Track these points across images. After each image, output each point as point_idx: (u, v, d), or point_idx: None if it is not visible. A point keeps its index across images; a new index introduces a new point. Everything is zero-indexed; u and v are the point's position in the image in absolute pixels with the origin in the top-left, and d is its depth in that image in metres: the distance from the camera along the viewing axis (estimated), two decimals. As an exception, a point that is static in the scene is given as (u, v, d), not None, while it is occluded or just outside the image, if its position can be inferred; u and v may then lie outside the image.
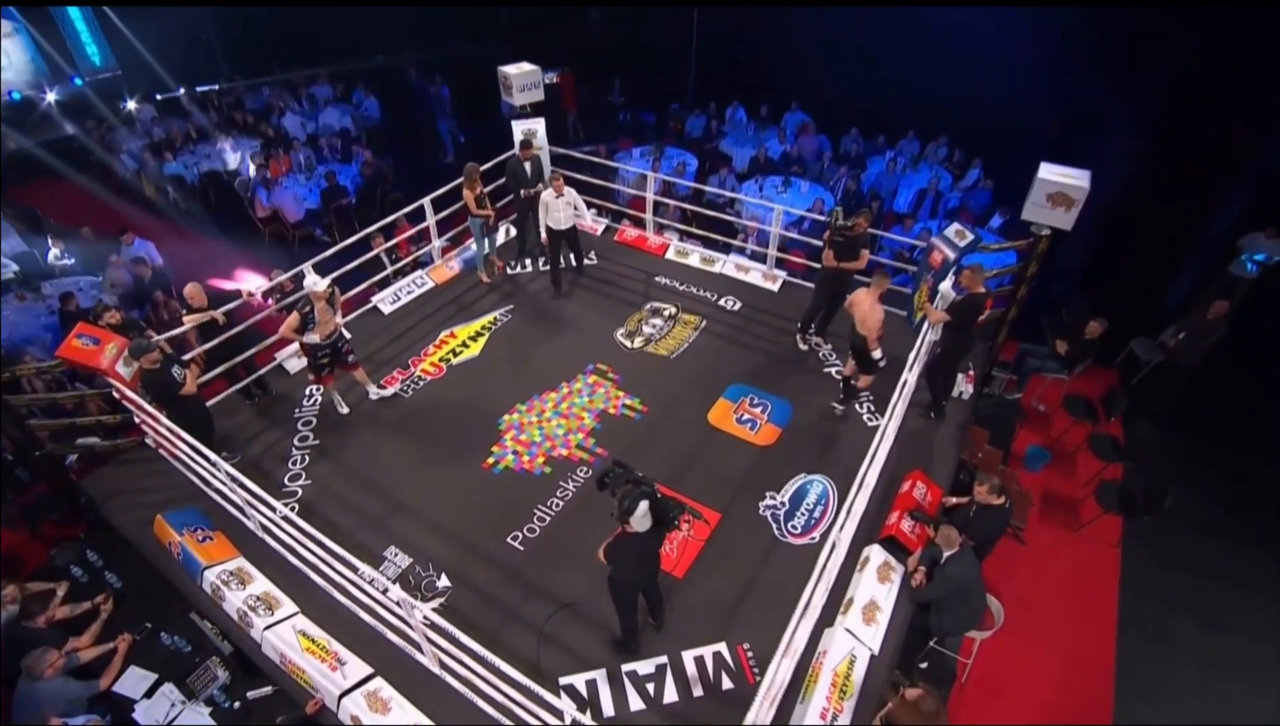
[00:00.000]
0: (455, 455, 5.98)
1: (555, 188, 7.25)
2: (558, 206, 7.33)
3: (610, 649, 4.64)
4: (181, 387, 5.29)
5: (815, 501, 5.61)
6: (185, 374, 5.41)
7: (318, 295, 5.67)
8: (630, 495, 3.72)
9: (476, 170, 7.66)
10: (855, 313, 5.84)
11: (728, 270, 8.27)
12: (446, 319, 7.56)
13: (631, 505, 3.68)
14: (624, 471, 3.97)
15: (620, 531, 3.97)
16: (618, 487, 3.89)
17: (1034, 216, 6.38)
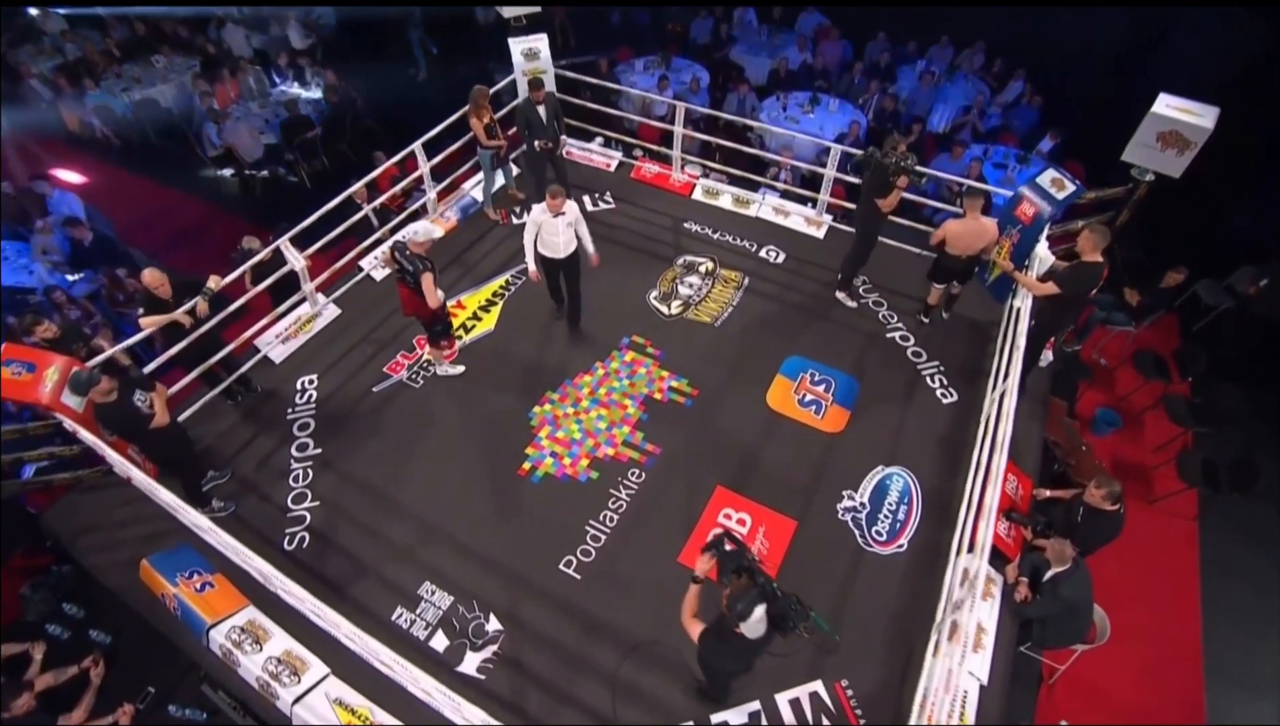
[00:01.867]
0: (484, 461, 5.19)
1: (551, 205, 5.25)
2: (555, 228, 5.39)
3: (695, 697, 4.12)
4: (150, 419, 4.32)
5: (897, 500, 5.03)
6: (152, 398, 4.41)
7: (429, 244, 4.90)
8: (746, 598, 2.99)
9: (486, 94, 6.49)
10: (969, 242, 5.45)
11: (765, 213, 7.29)
12: (451, 285, 6.51)
13: (746, 610, 2.96)
14: (736, 552, 3.24)
15: (723, 616, 3.26)
16: (727, 575, 3.19)
17: (1137, 158, 5.55)
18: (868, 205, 5.76)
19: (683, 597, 3.39)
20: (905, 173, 5.44)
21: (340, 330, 6.11)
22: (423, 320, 5.32)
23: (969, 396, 5.68)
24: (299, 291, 5.93)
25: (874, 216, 5.76)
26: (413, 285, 4.91)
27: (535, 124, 6.51)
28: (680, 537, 4.76)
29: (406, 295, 5.07)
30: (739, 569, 3.15)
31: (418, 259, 4.86)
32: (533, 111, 6.46)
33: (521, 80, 7.11)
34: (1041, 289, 4.94)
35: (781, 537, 4.78)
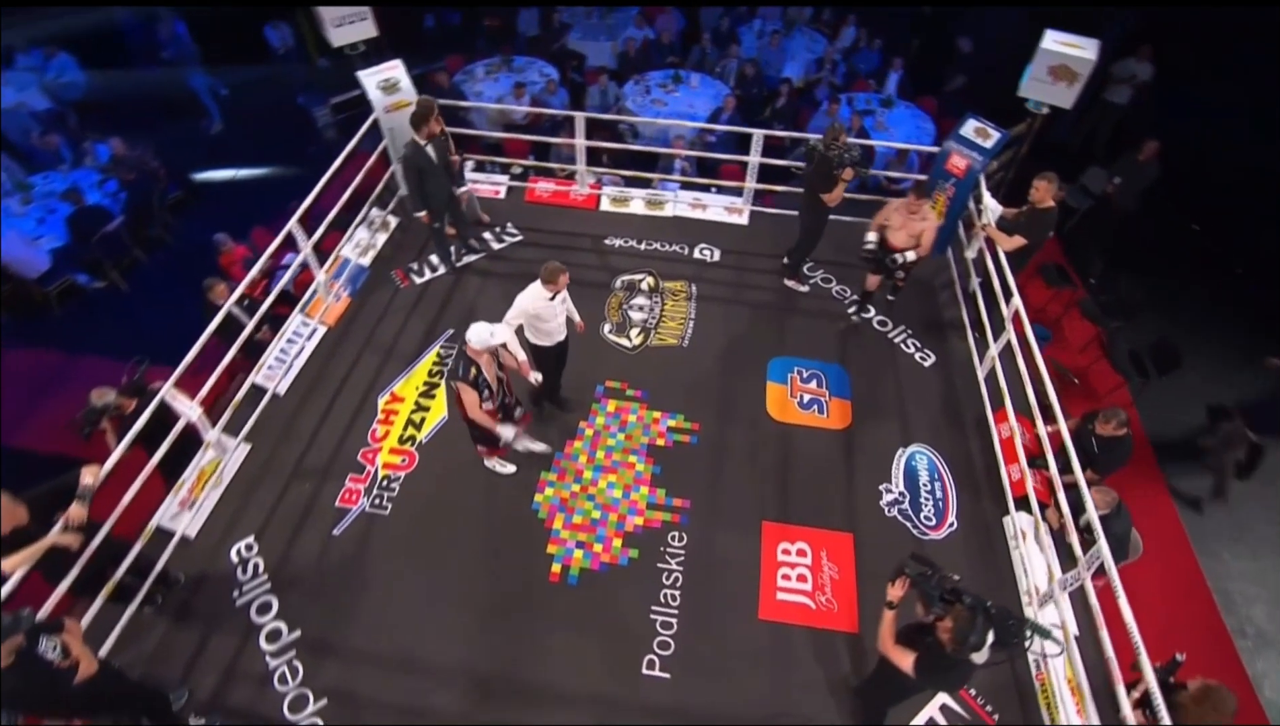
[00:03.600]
0: (504, 577, 4.41)
1: (554, 286, 4.43)
2: (554, 312, 4.58)
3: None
4: (72, 674, 3.12)
5: (930, 479, 5.01)
6: (63, 642, 3.18)
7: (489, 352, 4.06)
8: (976, 629, 2.71)
9: (434, 105, 5.53)
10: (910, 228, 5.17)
11: (681, 211, 6.90)
12: (374, 376, 5.49)
13: (980, 641, 2.71)
14: (931, 576, 2.96)
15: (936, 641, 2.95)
16: (937, 604, 2.89)
17: (1033, 93, 5.84)
18: (811, 196, 5.57)
19: (788, 654, 3.51)
20: (850, 166, 5.28)
21: (259, 471, 4.90)
22: (468, 425, 4.43)
23: (944, 353, 5.80)
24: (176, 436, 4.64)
25: (818, 208, 5.59)
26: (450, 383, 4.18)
27: (433, 171, 5.52)
28: (751, 593, 4.38)
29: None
30: (947, 596, 2.88)
31: (462, 361, 4.06)
32: (423, 158, 5.47)
33: (390, 119, 6.06)
34: (1013, 243, 5.06)
35: (845, 556, 4.57)
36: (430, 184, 5.62)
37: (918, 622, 3.11)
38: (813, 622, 4.28)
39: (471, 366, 4.02)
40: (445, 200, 5.84)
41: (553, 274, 4.37)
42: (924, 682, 3.09)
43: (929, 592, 2.94)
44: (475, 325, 3.96)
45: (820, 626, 4.26)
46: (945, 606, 2.87)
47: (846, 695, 3.96)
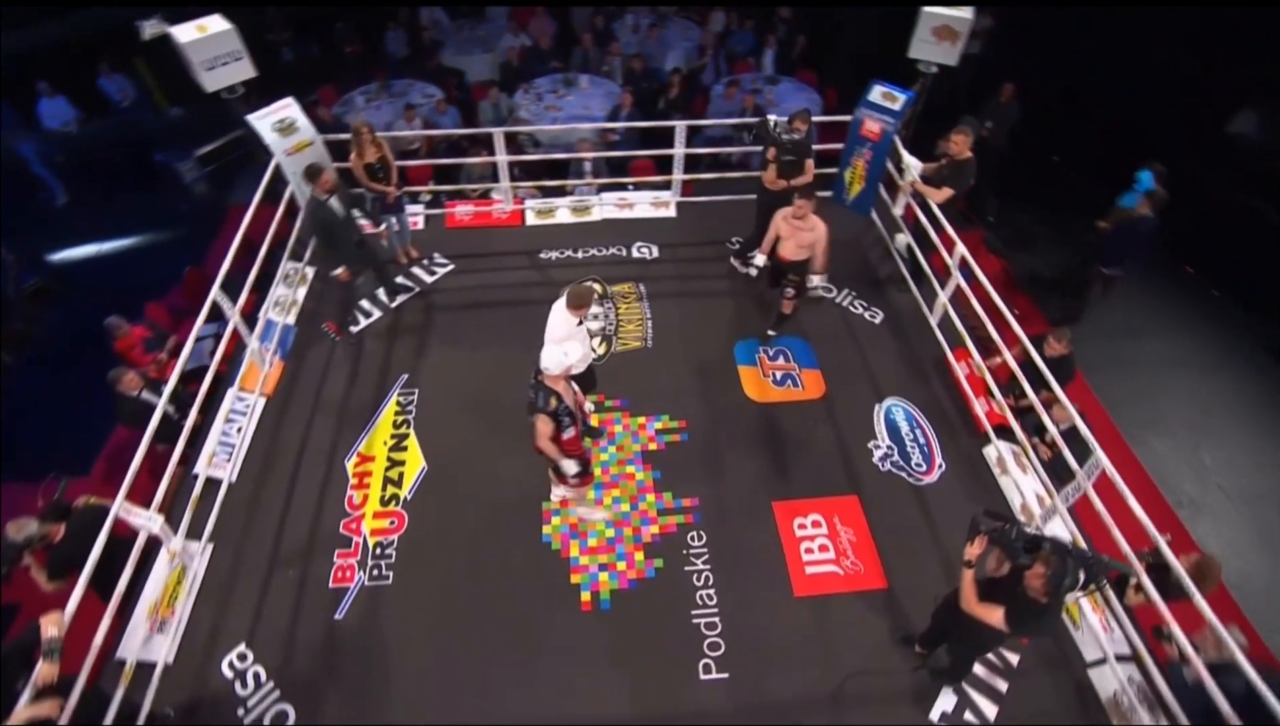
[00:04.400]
0: (537, 621, 4.17)
1: (583, 309, 4.29)
2: (584, 337, 4.50)
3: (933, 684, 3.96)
4: None
5: (910, 428, 5.26)
6: None
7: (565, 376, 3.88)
8: (1069, 573, 2.83)
9: (368, 128, 5.36)
10: (799, 239, 5.14)
11: (608, 212, 6.83)
12: (333, 440, 5.04)
13: (1074, 582, 2.84)
14: (1008, 529, 3.08)
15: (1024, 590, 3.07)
16: (1021, 557, 3.00)
17: (921, 53, 6.23)
18: (761, 179, 5.65)
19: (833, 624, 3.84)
20: (774, 145, 5.40)
21: (230, 571, 4.36)
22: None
23: (890, 308, 6.10)
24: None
25: (761, 190, 5.69)
26: (531, 414, 3.92)
27: (338, 225, 5.09)
28: (781, 574, 4.42)
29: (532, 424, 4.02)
30: (1030, 545, 3.00)
31: (541, 391, 3.84)
32: (329, 213, 5.03)
33: (295, 162, 5.57)
34: (943, 195, 5.38)
35: (856, 518, 4.71)
36: (340, 238, 5.22)
37: (991, 577, 3.23)
38: (846, 588, 4.38)
39: (551, 396, 3.81)
40: (359, 252, 5.45)
41: (584, 298, 4.23)
42: (1017, 632, 3.19)
43: (1011, 546, 3.05)
44: (545, 351, 3.75)
45: (853, 590, 4.37)
46: (1030, 556, 2.99)
47: (902, 649, 4.10)
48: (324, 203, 5.04)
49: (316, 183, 4.96)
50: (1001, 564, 3.19)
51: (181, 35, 5.33)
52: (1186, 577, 3.57)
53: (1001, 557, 3.17)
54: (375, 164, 5.59)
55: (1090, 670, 4.06)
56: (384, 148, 5.67)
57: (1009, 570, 3.13)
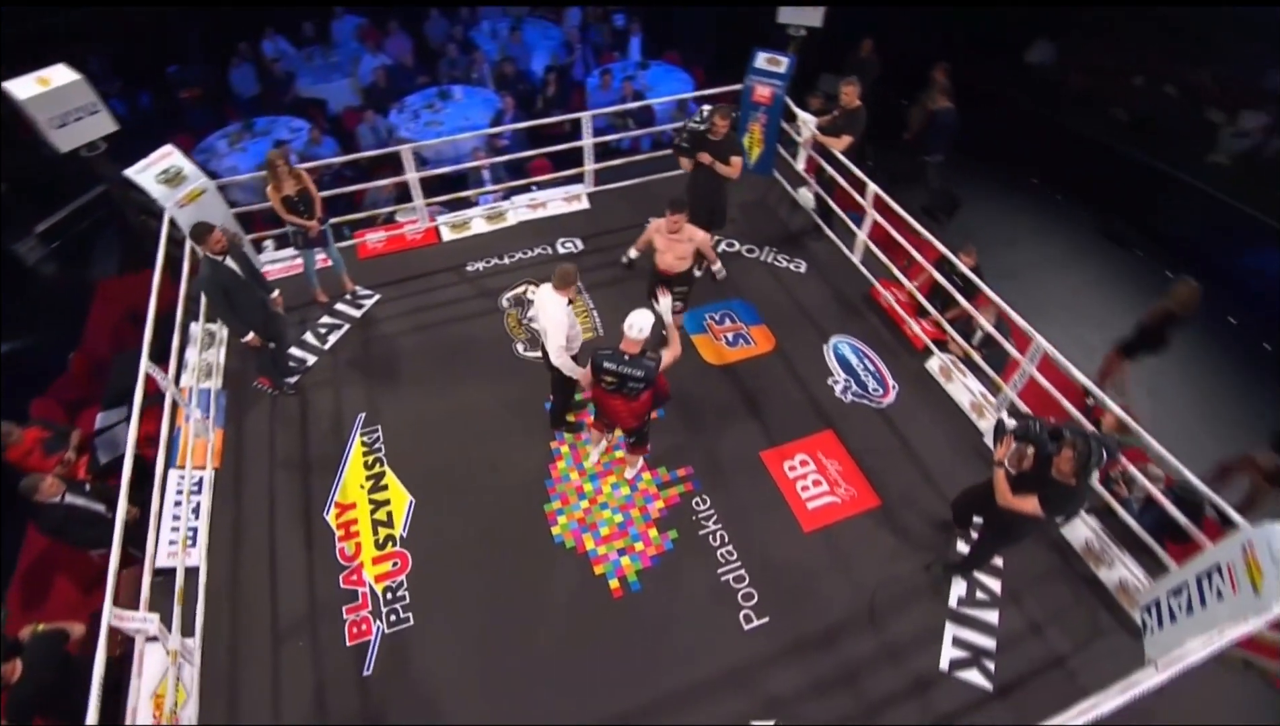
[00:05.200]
0: (578, 623, 4.16)
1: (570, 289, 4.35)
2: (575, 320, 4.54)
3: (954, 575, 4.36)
4: None
5: (858, 359, 5.66)
6: None
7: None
8: (1093, 450, 3.20)
9: (283, 157, 5.06)
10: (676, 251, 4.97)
11: (523, 215, 6.77)
12: (304, 497, 4.70)
13: (1099, 460, 3.23)
14: (1031, 423, 3.47)
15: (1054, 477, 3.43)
16: (1048, 446, 3.40)
17: (789, 18, 6.67)
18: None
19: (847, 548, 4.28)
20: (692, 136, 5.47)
21: (228, 662, 3.98)
22: (634, 428, 4.47)
23: (810, 256, 6.50)
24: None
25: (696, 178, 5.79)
26: (638, 392, 4.05)
27: (239, 287, 4.68)
28: (787, 515, 4.66)
29: (624, 408, 4.22)
30: (1054, 435, 3.39)
31: (643, 360, 3.95)
32: (226, 273, 4.61)
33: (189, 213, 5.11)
34: (844, 142, 5.81)
35: (836, 449, 5.03)
36: (242, 301, 4.78)
37: (1018, 473, 3.59)
38: (847, 513, 4.68)
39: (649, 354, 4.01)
40: (264, 314, 5.08)
41: (570, 276, 4.29)
42: (1052, 514, 3.53)
43: (1038, 439, 3.42)
44: (635, 316, 3.92)
45: (854, 513, 4.69)
46: (1056, 444, 3.36)
47: (913, 553, 4.47)
48: (220, 263, 4.62)
49: (206, 242, 4.54)
50: (1024, 459, 3.56)
51: (19, 91, 4.72)
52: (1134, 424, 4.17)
53: (1024, 453, 3.54)
54: (295, 196, 5.23)
55: (1061, 529, 4.62)
56: (304, 179, 5.31)
57: (1034, 462, 3.51)
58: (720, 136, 5.30)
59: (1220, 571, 3.43)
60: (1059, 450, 3.34)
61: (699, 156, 5.33)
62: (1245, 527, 3.38)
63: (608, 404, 4.28)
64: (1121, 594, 4.26)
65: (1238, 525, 3.47)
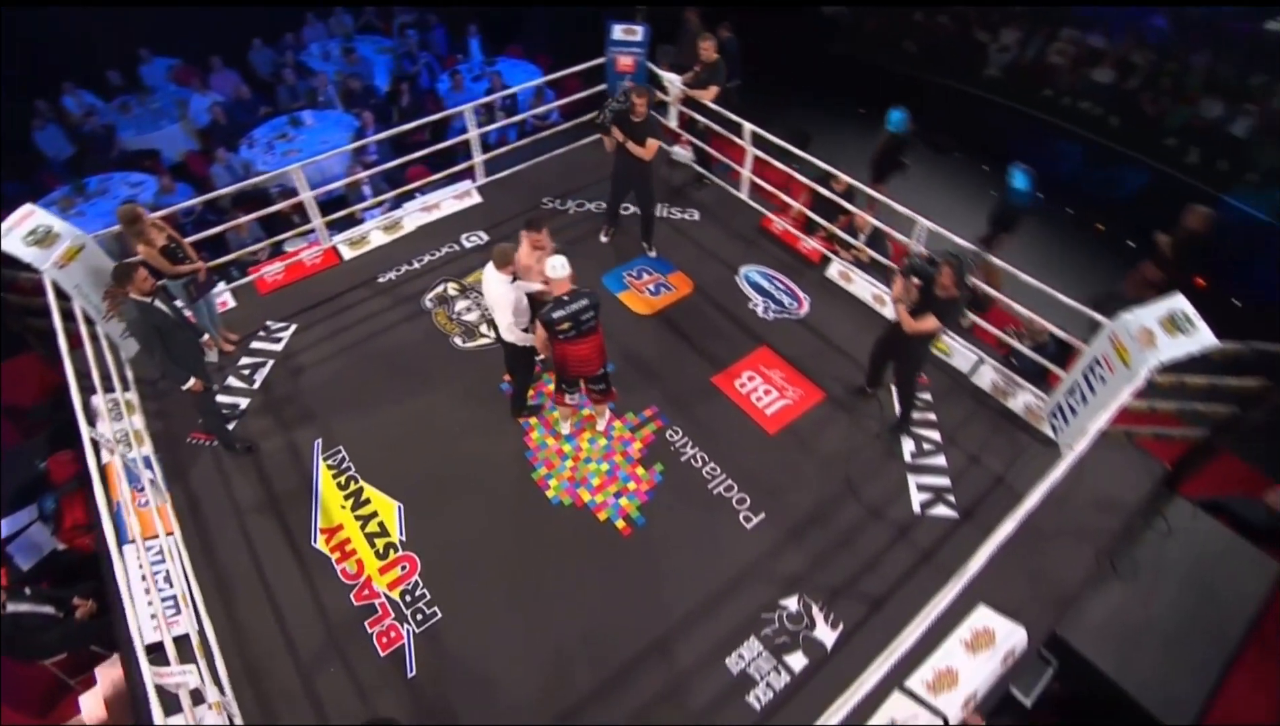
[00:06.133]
0: (598, 566, 4.40)
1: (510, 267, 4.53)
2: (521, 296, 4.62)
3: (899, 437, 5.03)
4: None
5: (768, 282, 6.24)
6: None
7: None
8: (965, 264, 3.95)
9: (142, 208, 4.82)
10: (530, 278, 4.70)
11: (419, 220, 6.73)
12: (284, 535, 4.51)
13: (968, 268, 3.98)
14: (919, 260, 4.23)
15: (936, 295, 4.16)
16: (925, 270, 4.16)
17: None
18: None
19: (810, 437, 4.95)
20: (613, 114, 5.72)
21: (260, 709, 3.82)
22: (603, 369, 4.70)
23: (699, 203, 7.00)
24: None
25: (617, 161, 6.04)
26: (593, 322, 4.34)
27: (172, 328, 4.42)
28: (752, 426, 5.13)
29: (587, 347, 4.46)
30: (931, 261, 4.21)
31: (584, 292, 4.30)
32: (156, 315, 4.33)
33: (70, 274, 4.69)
34: (712, 92, 6.32)
35: (774, 360, 5.57)
36: (179, 343, 4.51)
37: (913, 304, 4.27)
38: (800, 410, 5.23)
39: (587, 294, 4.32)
40: (201, 356, 4.82)
41: (507, 254, 4.44)
42: (948, 323, 4.29)
43: (922, 269, 4.12)
44: (554, 263, 4.24)
45: (806, 409, 5.24)
46: (935, 266, 4.04)
47: (862, 428, 5.10)
48: (149, 305, 4.34)
49: (132, 282, 4.24)
50: (912, 291, 4.25)
51: None
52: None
53: (912, 286, 4.24)
54: (170, 246, 4.93)
55: (970, 376, 5.45)
56: (167, 227, 5.01)
57: (920, 291, 4.22)
58: (641, 117, 5.53)
59: (1099, 362, 4.30)
60: (939, 272, 4.08)
61: (614, 132, 5.60)
62: (1107, 323, 4.25)
63: (573, 354, 4.47)
64: (1030, 414, 5.14)
65: (1102, 323, 4.34)
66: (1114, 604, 4.35)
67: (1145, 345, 3.91)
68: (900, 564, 4.39)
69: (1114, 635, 4.21)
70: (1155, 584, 4.43)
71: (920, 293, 4.25)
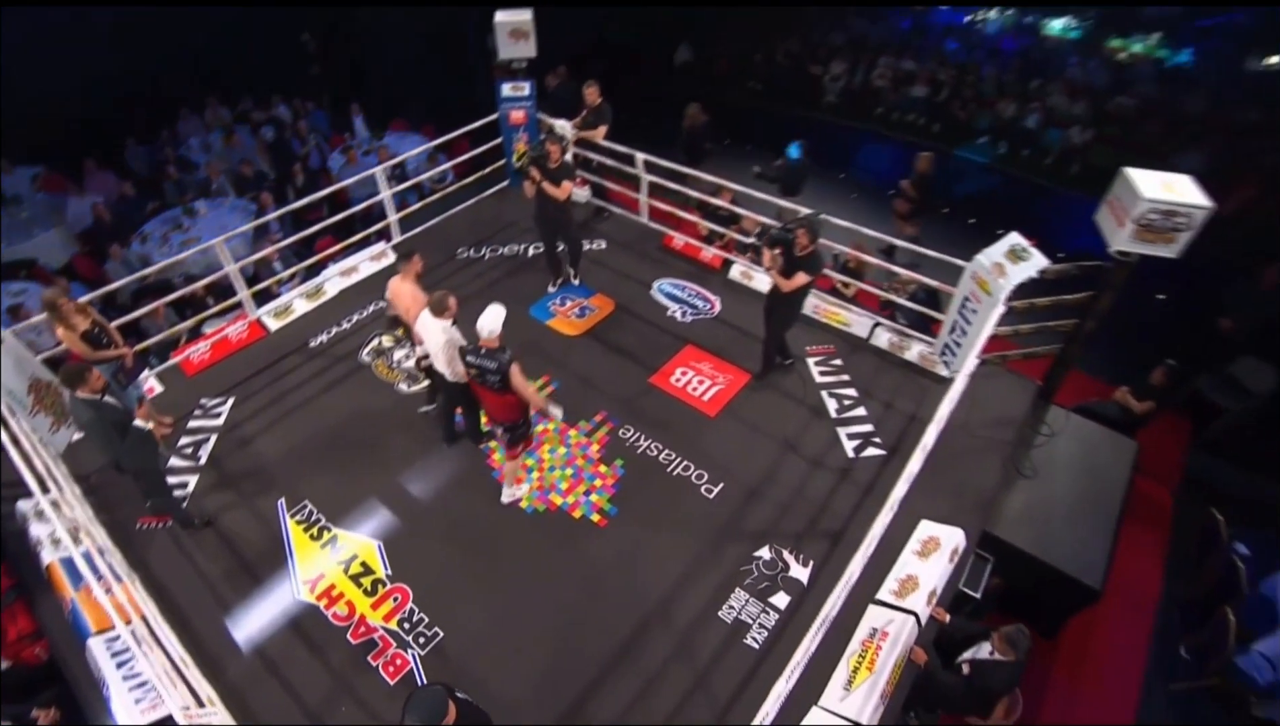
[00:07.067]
0: (582, 560, 4.68)
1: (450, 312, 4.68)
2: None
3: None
4: None
5: (680, 292, 6.86)
6: None
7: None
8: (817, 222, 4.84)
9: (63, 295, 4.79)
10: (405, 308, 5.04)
11: (339, 284, 6.86)
12: (268, 592, 4.45)
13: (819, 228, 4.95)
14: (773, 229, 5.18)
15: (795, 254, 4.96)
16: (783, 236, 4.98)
17: (508, 54, 7.70)
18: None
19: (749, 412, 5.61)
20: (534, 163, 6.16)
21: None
22: (508, 423, 4.72)
23: (605, 235, 7.59)
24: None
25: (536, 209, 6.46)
26: (498, 384, 4.36)
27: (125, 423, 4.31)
28: (695, 412, 5.63)
29: (493, 400, 4.57)
30: (788, 228, 5.02)
31: (497, 354, 4.32)
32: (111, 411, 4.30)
33: None
34: (600, 133, 7.00)
35: (700, 355, 6.13)
36: (131, 433, 4.44)
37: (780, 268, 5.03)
38: (732, 392, 5.80)
39: (505, 350, 4.32)
40: (155, 444, 4.75)
41: (443, 302, 4.58)
42: (810, 273, 5.01)
43: (781, 236, 4.93)
44: (482, 318, 4.32)
45: (738, 389, 5.82)
46: (790, 232, 4.89)
47: (786, 397, 5.72)
48: (100, 402, 4.26)
49: (86, 383, 4.17)
50: (777, 259, 5.00)
51: None
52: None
53: (775, 253, 4.99)
54: (93, 331, 4.86)
55: (870, 340, 6.25)
56: (91, 311, 4.95)
57: (783, 255, 4.98)
58: (556, 162, 6.01)
59: (968, 298, 5.17)
60: (795, 236, 4.89)
61: (532, 174, 6.05)
62: (967, 264, 5.14)
63: (481, 396, 4.74)
64: (924, 361, 5.97)
65: (964, 267, 5.23)
66: (1024, 498, 5.13)
67: (999, 275, 4.80)
68: (848, 501, 4.97)
69: (1030, 522, 4.97)
70: (1051, 476, 5.27)
71: (784, 257, 5.01)
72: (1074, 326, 5.27)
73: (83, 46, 8.81)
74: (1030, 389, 5.78)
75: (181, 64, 9.75)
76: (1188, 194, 4.17)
